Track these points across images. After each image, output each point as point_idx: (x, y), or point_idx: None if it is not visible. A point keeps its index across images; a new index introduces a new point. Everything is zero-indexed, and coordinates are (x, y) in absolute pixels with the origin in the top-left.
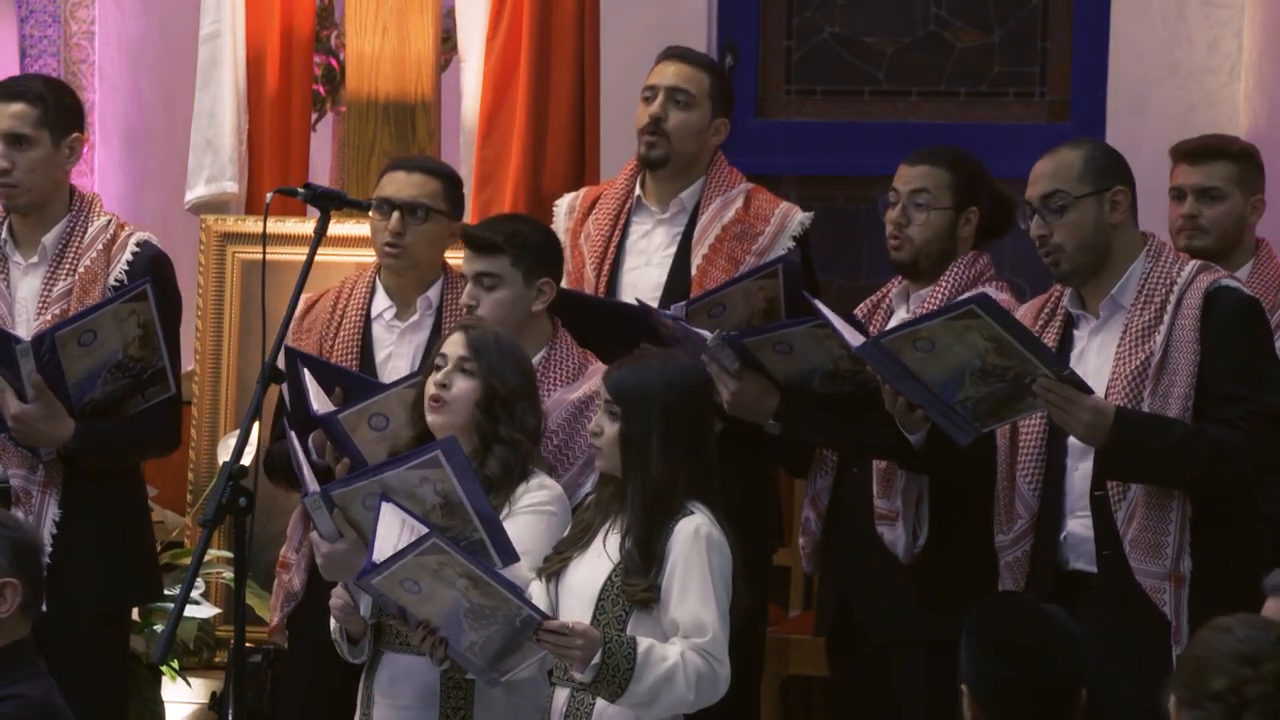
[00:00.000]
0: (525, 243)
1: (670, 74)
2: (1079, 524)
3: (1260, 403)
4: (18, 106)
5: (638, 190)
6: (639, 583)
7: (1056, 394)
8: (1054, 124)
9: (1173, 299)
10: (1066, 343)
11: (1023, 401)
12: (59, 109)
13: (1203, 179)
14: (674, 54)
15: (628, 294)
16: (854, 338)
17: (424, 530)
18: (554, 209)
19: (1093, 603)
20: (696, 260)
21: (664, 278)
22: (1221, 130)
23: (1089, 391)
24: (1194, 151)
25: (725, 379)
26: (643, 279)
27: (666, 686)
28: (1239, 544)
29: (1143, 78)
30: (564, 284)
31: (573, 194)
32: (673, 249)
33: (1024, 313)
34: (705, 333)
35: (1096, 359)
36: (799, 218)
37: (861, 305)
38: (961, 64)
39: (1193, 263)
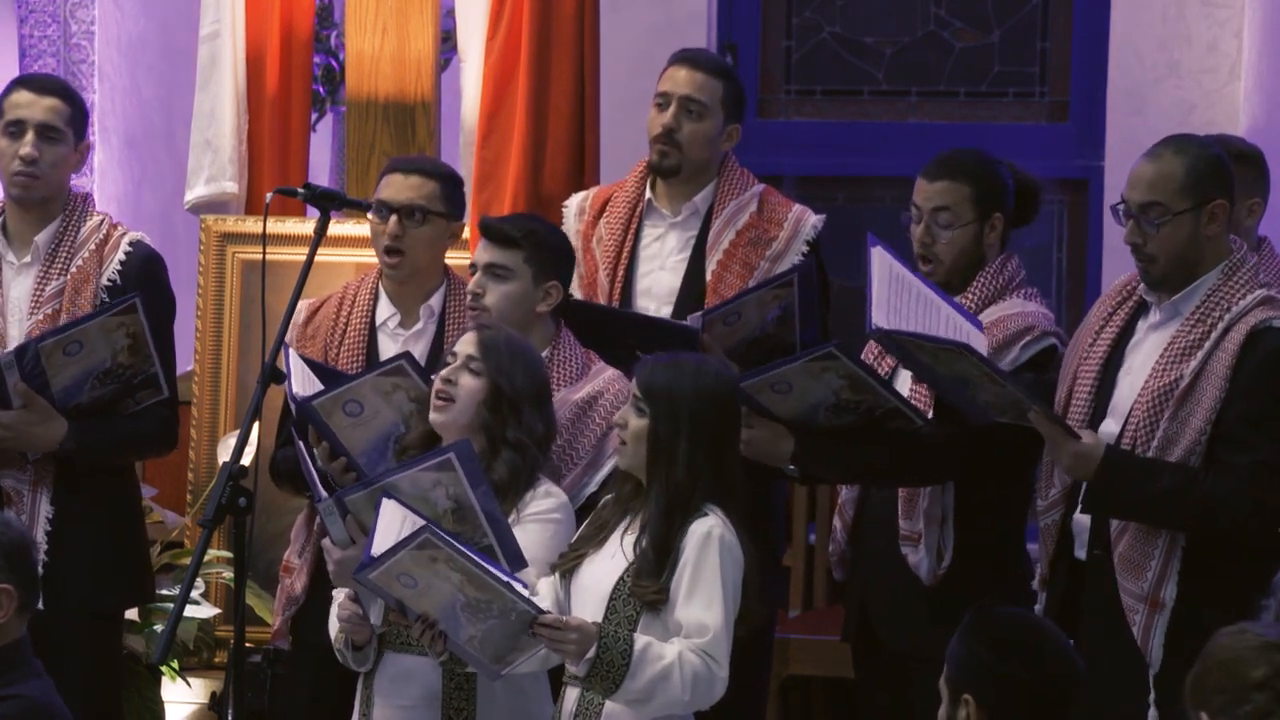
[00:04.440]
0: (541, 243)
1: (683, 81)
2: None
3: (1267, 454)
4: (53, 101)
5: (648, 193)
6: (649, 584)
7: (1046, 429)
8: (1053, 124)
9: (1220, 326)
10: (1130, 330)
11: (1026, 418)
12: (82, 112)
13: None
14: (687, 58)
15: (642, 299)
16: (880, 314)
17: (420, 521)
18: (563, 210)
19: (1086, 600)
20: (711, 266)
21: (678, 283)
22: (1222, 130)
23: (1074, 436)
24: None
25: None
26: (656, 284)
27: (662, 685)
28: (1231, 584)
29: (1142, 78)
30: (576, 287)
31: (582, 195)
32: (686, 254)
33: (1106, 295)
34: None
35: (1145, 356)
36: (812, 221)
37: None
38: (961, 64)
39: (1258, 292)
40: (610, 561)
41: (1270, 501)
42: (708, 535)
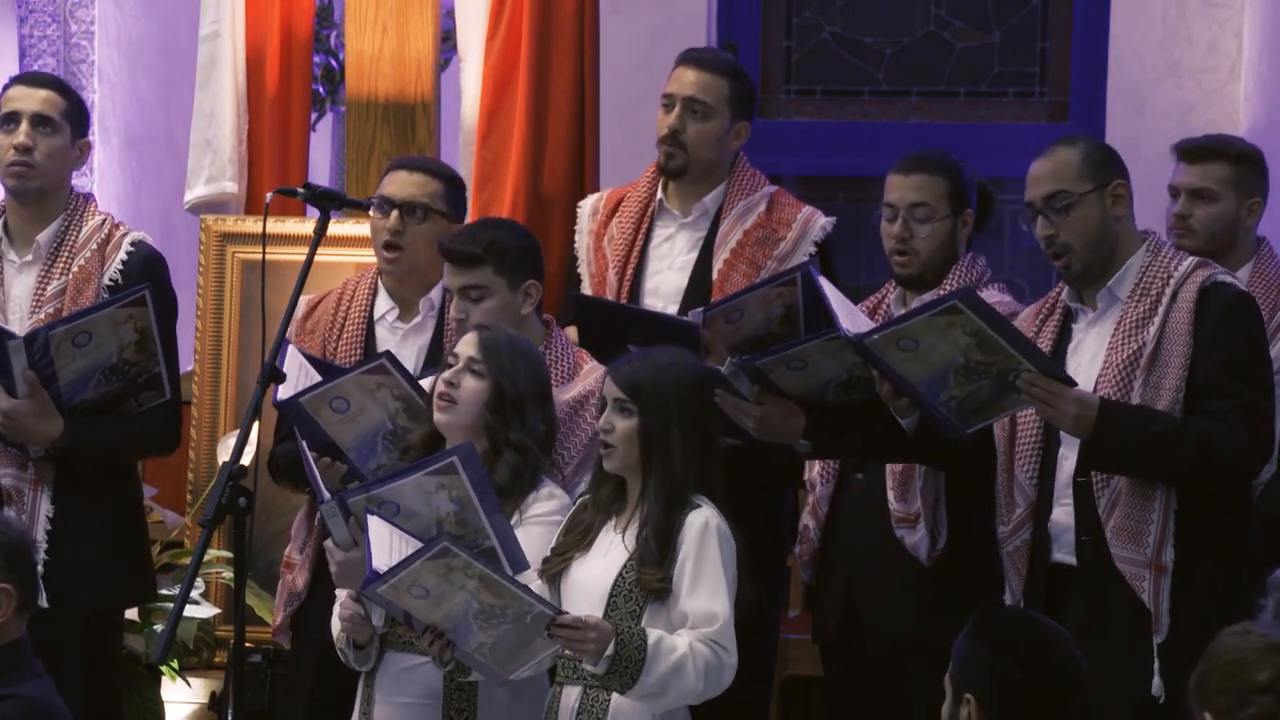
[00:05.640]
0: (505, 249)
1: (688, 83)
2: (1063, 512)
3: (1248, 397)
4: (49, 93)
5: (660, 194)
6: (654, 573)
7: (1041, 388)
8: (1054, 124)
9: (1168, 292)
10: (1065, 337)
11: (1006, 399)
12: (80, 110)
13: (1196, 179)
14: (692, 58)
15: (649, 298)
16: (849, 323)
17: (411, 539)
18: (577, 210)
19: (1074, 595)
20: (718, 264)
21: (685, 282)
22: (1221, 130)
23: (1073, 384)
24: (1191, 151)
25: (745, 407)
26: (665, 284)
27: (676, 677)
28: (1222, 538)
29: (1142, 78)
30: (586, 287)
31: (596, 195)
32: (694, 253)
33: (1025, 315)
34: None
35: (1091, 350)
36: (820, 223)
37: (858, 309)
38: (961, 64)
39: (1190, 259)
40: (605, 559)
41: (1259, 439)
42: (705, 526)
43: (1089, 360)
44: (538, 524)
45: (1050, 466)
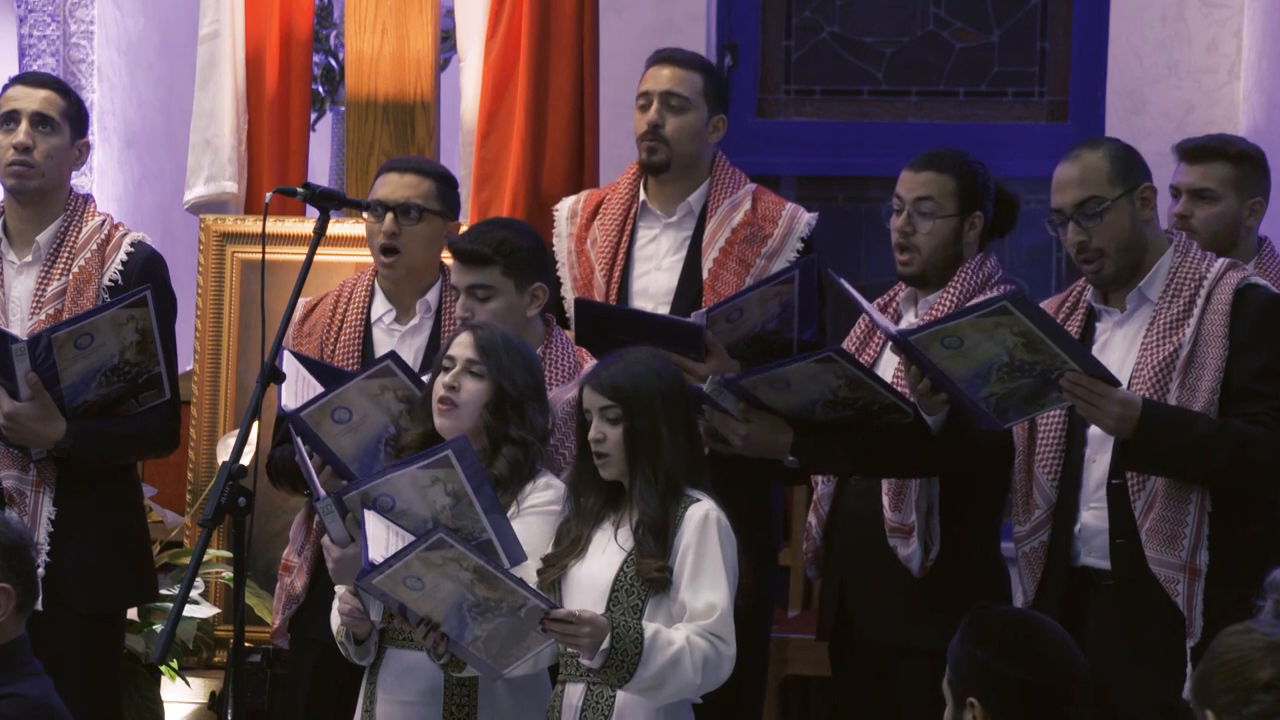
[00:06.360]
0: (514, 250)
1: (663, 79)
2: (1093, 515)
3: None
4: (48, 93)
5: (642, 195)
6: (653, 562)
7: (1085, 388)
8: (1053, 124)
9: (1202, 294)
10: (1088, 337)
11: (1047, 397)
12: (80, 110)
13: (1197, 179)
14: (664, 57)
15: (639, 299)
16: (888, 324)
17: (408, 536)
18: (554, 213)
19: (1104, 599)
20: (707, 264)
21: (675, 283)
22: (1221, 130)
23: (1116, 384)
24: (1192, 151)
25: (732, 424)
26: (653, 284)
27: (673, 671)
28: (1253, 541)
29: (1142, 77)
30: (571, 290)
31: (573, 198)
32: (681, 253)
33: (1045, 309)
34: (701, 386)
35: (1120, 351)
36: (806, 219)
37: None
38: (961, 64)
39: (1220, 260)
40: (603, 556)
41: None
42: (705, 519)
43: (1119, 361)
44: (535, 514)
45: (1074, 470)
